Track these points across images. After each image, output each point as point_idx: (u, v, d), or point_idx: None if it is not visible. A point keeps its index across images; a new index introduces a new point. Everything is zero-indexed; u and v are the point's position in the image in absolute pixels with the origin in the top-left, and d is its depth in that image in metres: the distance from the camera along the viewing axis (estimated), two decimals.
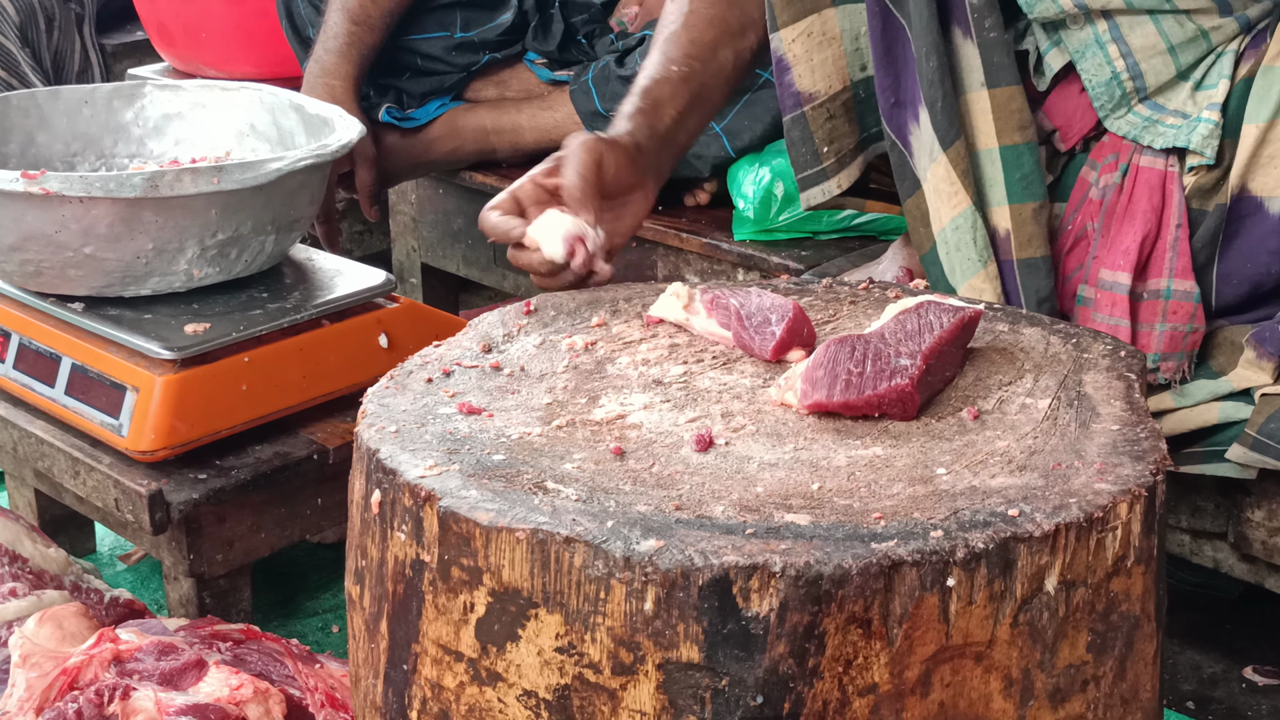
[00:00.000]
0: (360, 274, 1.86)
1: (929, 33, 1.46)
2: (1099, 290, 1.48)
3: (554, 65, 2.35)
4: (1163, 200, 1.46)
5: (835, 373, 1.09)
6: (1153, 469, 1.00)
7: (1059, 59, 1.50)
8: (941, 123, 1.47)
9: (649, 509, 0.95)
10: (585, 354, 1.22)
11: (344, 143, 1.77)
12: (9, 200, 1.62)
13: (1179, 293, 1.46)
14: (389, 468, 1.02)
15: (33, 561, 1.67)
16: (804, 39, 1.56)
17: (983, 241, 1.50)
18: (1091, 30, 1.46)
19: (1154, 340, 1.47)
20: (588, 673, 0.94)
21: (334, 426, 1.76)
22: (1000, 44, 1.46)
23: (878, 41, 1.51)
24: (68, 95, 2.00)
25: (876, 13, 1.50)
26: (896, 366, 1.10)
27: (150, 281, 1.71)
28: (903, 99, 1.51)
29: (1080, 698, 0.99)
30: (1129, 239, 1.47)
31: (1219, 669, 1.78)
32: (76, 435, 1.72)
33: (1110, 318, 1.47)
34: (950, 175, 1.48)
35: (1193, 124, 1.44)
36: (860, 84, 1.59)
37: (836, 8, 1.56)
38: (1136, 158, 1.48)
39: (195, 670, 1.41)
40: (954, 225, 1.50)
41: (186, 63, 2.81)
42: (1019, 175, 1.48)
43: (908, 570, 0.90)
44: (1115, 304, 1.47)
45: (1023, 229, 1.49)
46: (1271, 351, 1.42)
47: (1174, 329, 1.46)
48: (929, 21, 1.45)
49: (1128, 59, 1.45)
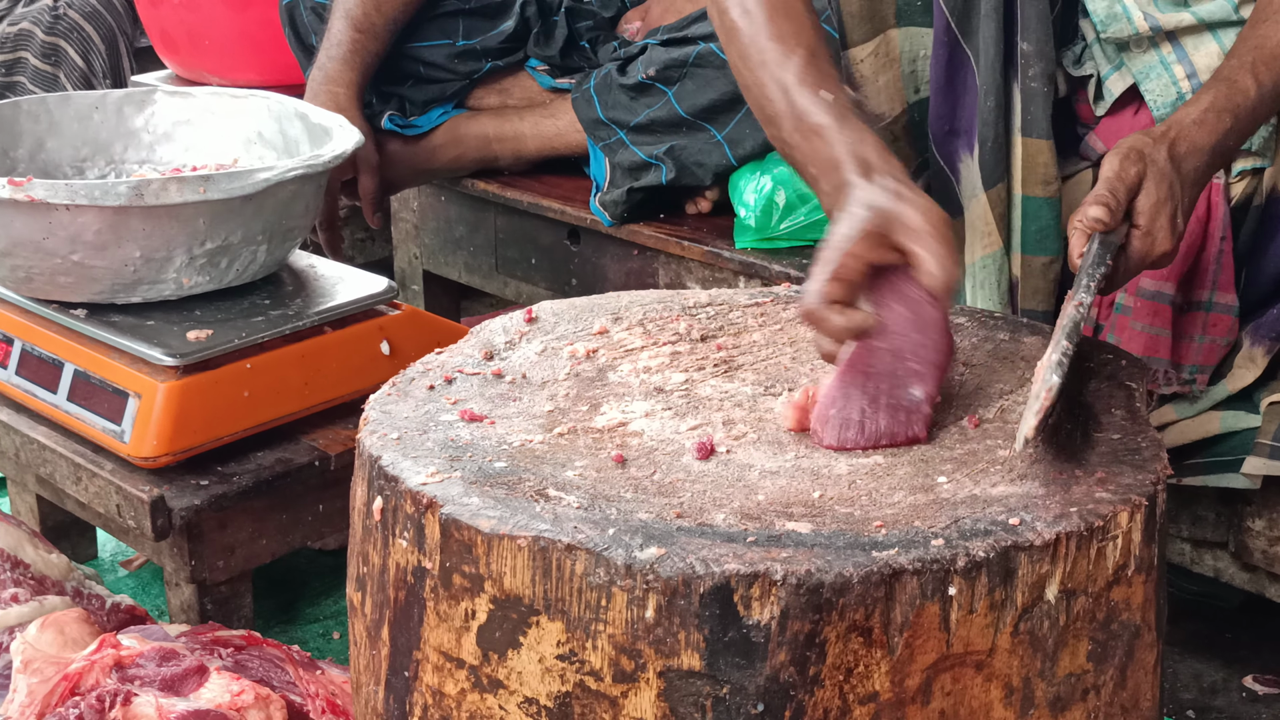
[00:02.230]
0: (362, 281, 1.86)
1: (993, 72, 1.44)
2: (1138, 299, 1.47)
3: (556, 72, 2.35)
4: (1208, 212, 1.46)
5: (848, 415, 1.07)
6: (1153, 478, 1.01)
7: (1120, 83, 1.49)
8: (989, 162, 1.46)
9: (650, 517, 0.95)
10: (587, 361, 1.22)
11: (337, 153, 1.77)
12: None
13: (1220, 305, 1.45)
14: (391, 474, 1.02)
15: (34, 567, 1.67)
16: (872, 59, 1.53)
17: (1005, 285, 1.49)
18: (1156, 53, 1.46)
19: (1193, 352, 1.46)
20: (589, 680, 0.94)
21: (335, 433, 1.76)
22: (1039, 95, 1.44)
23: (941, 69, 1.48)
24: (78, 101, 2.00)
25: (944, 42, 1.47)
26: (910, 404, 1.08)
27: (140, 289, 1.71)
28: (957, 127, 1.50)
29: (1081, 706, 0.99)
30: None
31: (1219, 678, 1.78)
32: (79, 441, 1.72)
33: (1151, 327, 1.46)
34: (987, 215, 1.48)
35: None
36: (914, 107, 1.56)
37: (900, 28, 1.53)
38: None
39: (196, 676, 1.41)
40: (983, 264, 1.49)
41: (190, 70, 2.81)
42: (1035, 228, 1.47)
43: (909, 579, 0.90)
44: (1157, 314, 1.46)
45: (1029, 280, 1.49)
46: (1264, 335, 1.42)
47: (1213, 341, 1.46)
48: (994, 60, 1.44)
49: (1193, 79, 1.45)
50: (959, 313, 1.32)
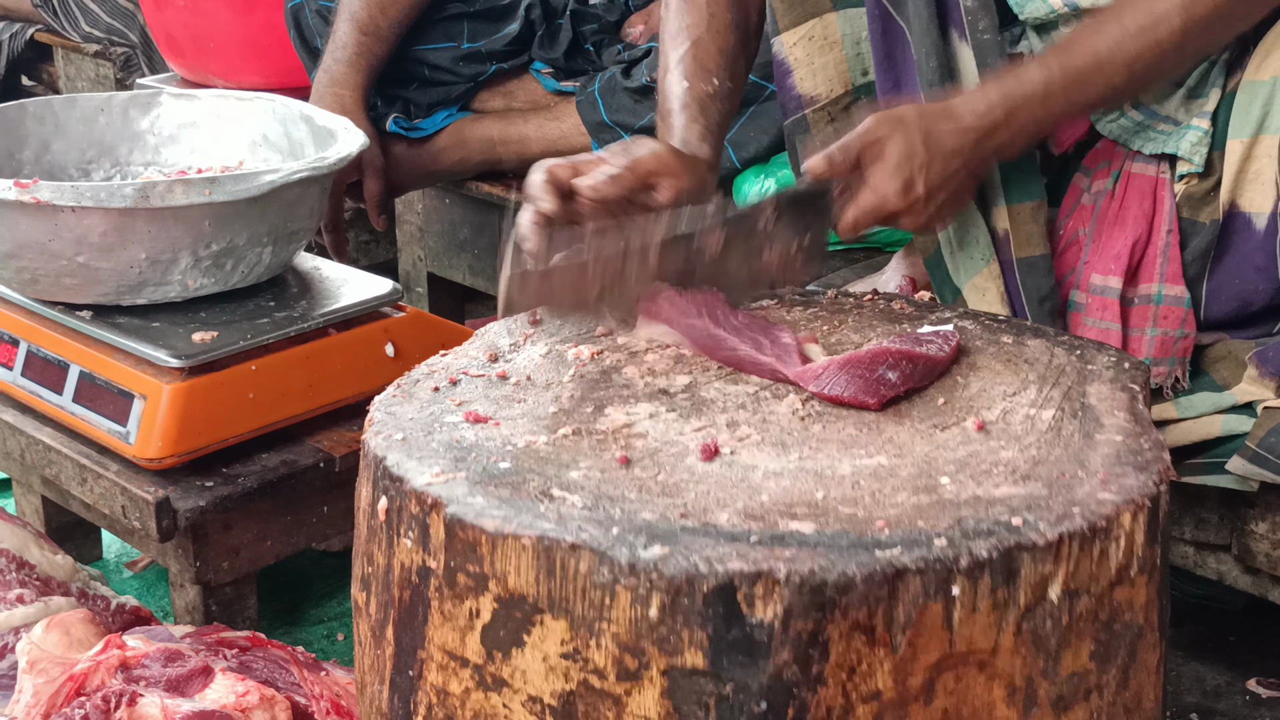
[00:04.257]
0: (367, 283, 1.86)
1: (929, 34, 1.46)
2: (1090, 295, 1.48)
3: (560, 75, 2.35)
4: (1154, 206, 1.46)
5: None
6: (1156, 479, 1.01)
7: None
8: None
9: (654, 516, 0.96)
10: (591, 363, 1.22)
11: (341, 156, 1.78)
12: (2, 208, 1.63)
13: (1170, 298, 1.46)
14: (396, 475, 1.02)
15: (40, 568, 1.68)
16: (805, 43, 1.57)
17: (985, 240, 1.50)
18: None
19: (1144, 345, 1.47)
20: (592, 679, 0.94)
21: (340, 435, 1.76)
22: (993, 46, 1.46)
23: (878, 44, 1.51)
24: (84, 103, 2.01)
25: (877, 16, 1.50)
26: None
27: (145, 291, 1.72)
28: (903, 99, 1.52)
29: (1083, 706, 0.99)
30: (1120, 244, 1.47)
31: (1223, 681, 1.78)
32: (84, 442, 1.73)
33: (1101, 322, 1.48)
34: None
35: (1182, 131, 1.44)
36: (862, 88, 1.59)
37: (837, 12, 1.57)
38: (1128, 164, 1.48)
39: (201, 677, 1.41)
40: (956, 224, 1.50)
41: (195, 72, 2.82)
42: (1016, 175, 1.48)
43: (912, 578, 0.90)
44: (1106, 308, 1.47)
45: (1021, 228, 1.49)
46: (1273, 372, 1.43)
47: (1165, 334, 1.46)
48: (928, 24, 1.46)
49: None
50: (962, 316, 1.33)
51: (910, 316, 1.32)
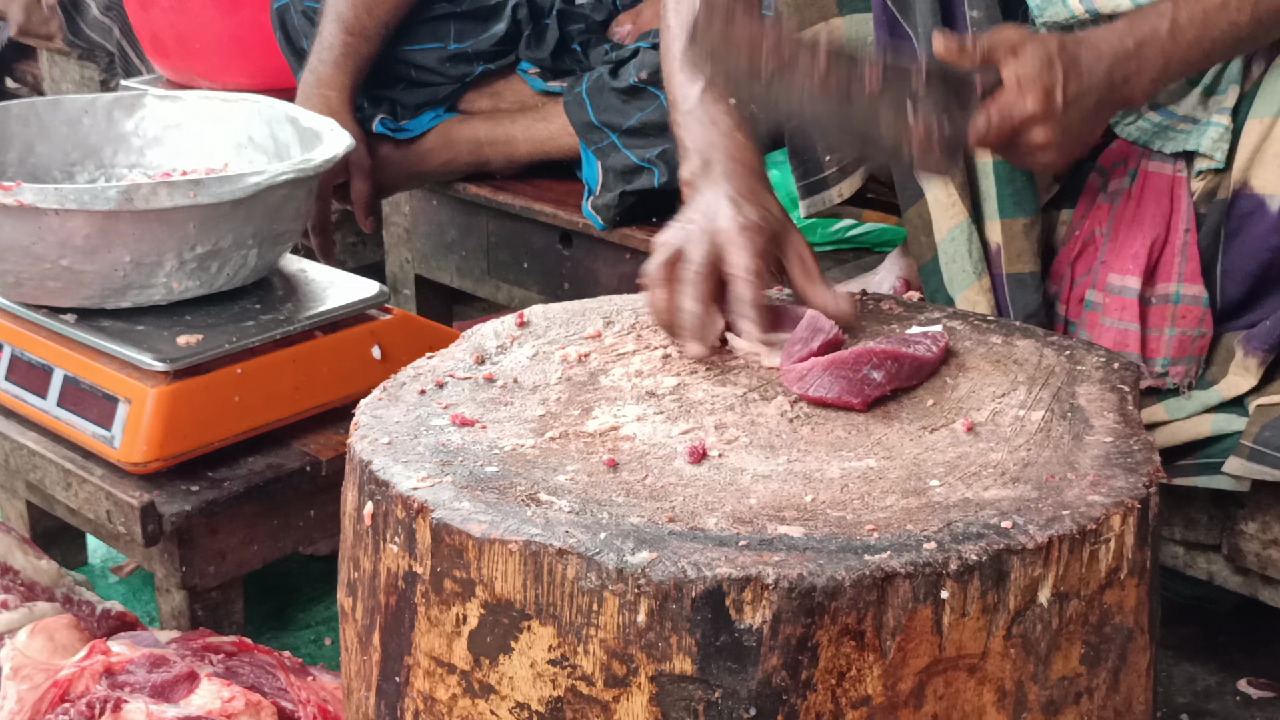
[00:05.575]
0: (353, 285, 1.86)
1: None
2: (1107, 295, 1.48)
3: (547, 75, 2.35)
4: (1171, 205, 1.46)
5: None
6: (1146, 481, 1.00)
7: None
8: None
9: (642, 521, 0.95)
10: (579, 366, 1.22)
11: (328, 157, 1.77)
12: None
13: (1188, 297, 1.45)
14: (382, 479, 1.02)
15: (24, 573, 1.67)
16: None
17: (977, 254, 1.50)
18: None
19: (1163, 345, 1.46)
20: (580, 685, 0.93)
21: (326, 438, 1.76)
22: None
23: (885, 49, 1.50)
24: (68, 105, 2.00)
25: (884, 22, 1.49)
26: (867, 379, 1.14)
27: (130, 294, 1.71)
28: None
29: (1074, 710, 0.99)
30: (1137, 243, 1.46)
31: (1214, 682, 1.78)
32: (68, 447, 1.72)
33: (1119, 322, 1.47)
34: (948, 187, 1.49)
35: (1203, 128, 1.43)
36: None
37: (844, 16, 1.56)
38: (1145, 163, 1.48)
39: (187, 683, 1.41)
40: (951, 236, 1.50)
41: (180, 73, 2.81)
42: (1010, 190, 1.48)
43: (901, 582, 0.90)
44: (1124, 308, 1.47)
45: (1012, 243, 1.49)
46: (1256, 348, 1.42)
47: (1183, 333, 1.46)
48: (935, 28, 1.45)
49: None
50: (951, 316, 1.32)
51: (899, 317, 1.31)
